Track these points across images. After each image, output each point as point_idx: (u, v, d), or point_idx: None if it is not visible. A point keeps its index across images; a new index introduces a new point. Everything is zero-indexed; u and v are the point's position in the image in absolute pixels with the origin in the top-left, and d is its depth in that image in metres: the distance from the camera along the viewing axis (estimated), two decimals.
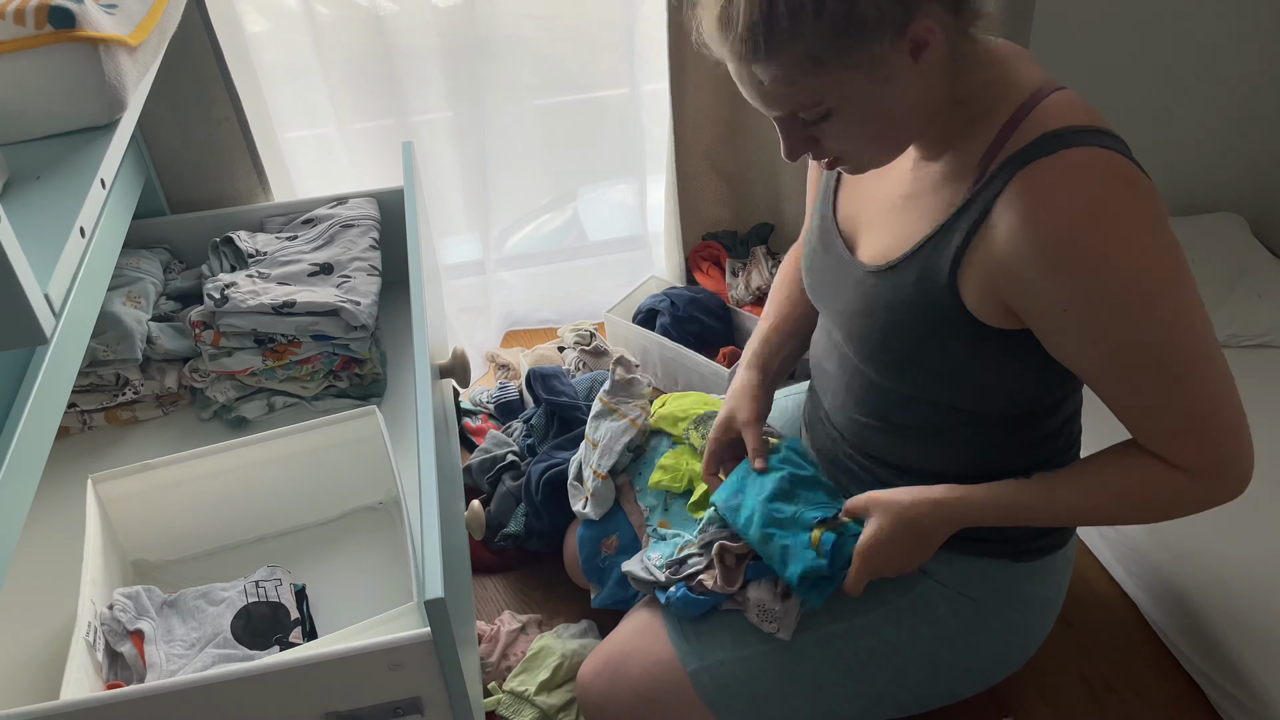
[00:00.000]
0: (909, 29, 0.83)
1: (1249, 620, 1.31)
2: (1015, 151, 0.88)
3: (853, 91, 0.86)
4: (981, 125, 0.92)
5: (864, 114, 0.88)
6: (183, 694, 0.84)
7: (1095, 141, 0.86)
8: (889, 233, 1.01)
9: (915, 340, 0.98)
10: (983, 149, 0.91)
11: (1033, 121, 0.89)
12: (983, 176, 0.90)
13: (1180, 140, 1.99)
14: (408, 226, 1.33)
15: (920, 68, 0.86)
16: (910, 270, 0.96)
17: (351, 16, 1.66)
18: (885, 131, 0.91)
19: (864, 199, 1.07)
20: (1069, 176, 0.85)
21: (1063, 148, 0.85)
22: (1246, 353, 1.77)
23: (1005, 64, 0.93)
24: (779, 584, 1.11)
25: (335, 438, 1.23)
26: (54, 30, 0.89)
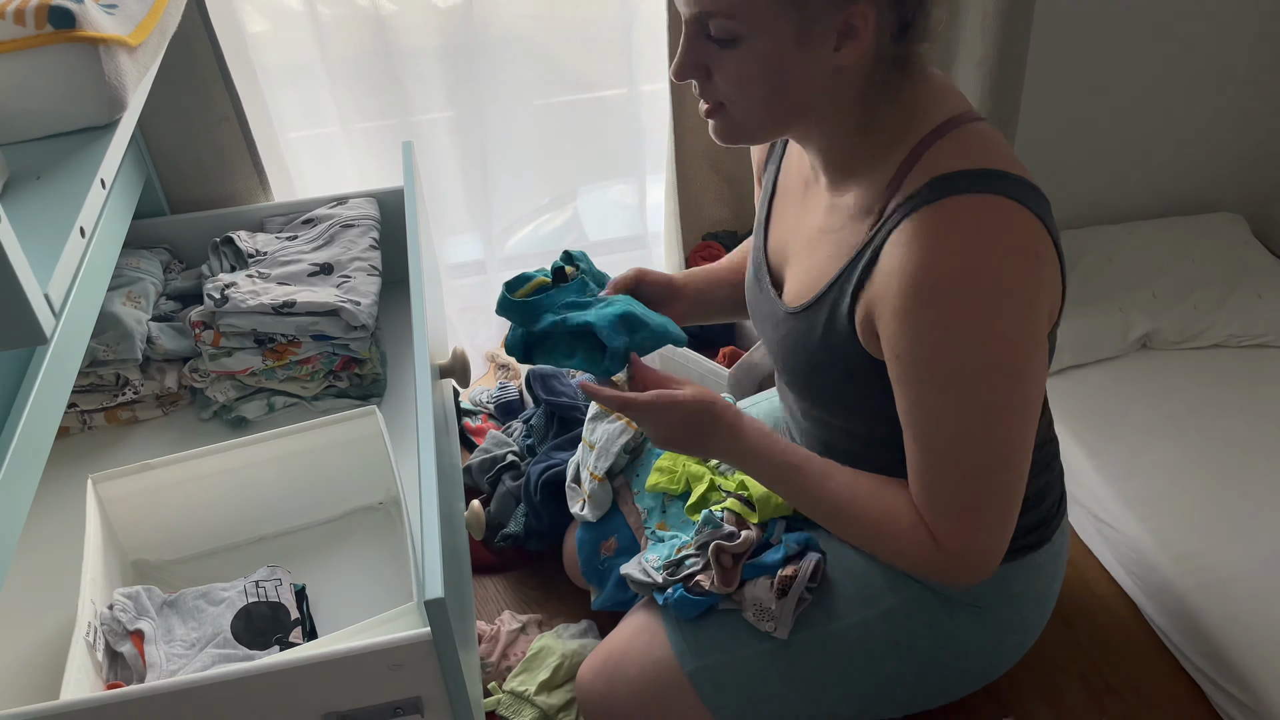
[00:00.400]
0: (846, 8, 0.82)
1: (1249, 620, 1.31)
2: (909, 194, 0.87)
3: (770, 30, 0.84)
4: (883, 160, 0.91)
5: (767, 61, 0.86)
6: (183, 694, 0.84)
7: (983, 187, 0.84)
8: (807, 271, 1.01)
9: (836, 379, 0.99)
10: (882, 186, 0.91)
11: (927, 162, 0.88)
12: (880, 220, 0.90)
13: (1180, 140, 1.99)
14: (408, 226, 1.33)
15: (836, 59, 0.85)
16: (820, 311, 0.97)
17: (352, 16, 1.66)
18: (775, 97, 0.89)
19: (790, 232, 1.07)
20: (945, 228, 0.84)
21: (945, 195, 0.84)
22: (1246, 353, 1.77)
23: (918, 99, 0.91)
24: (775, 584, 1.11)
25: (335, 438, 1.23)
26: (54, 30, 0.89)
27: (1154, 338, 1.78)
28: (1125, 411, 1.66)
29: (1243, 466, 1.53)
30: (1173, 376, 1.72)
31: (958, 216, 0.84)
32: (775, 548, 1.13)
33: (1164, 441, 1.59)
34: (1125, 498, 1.50)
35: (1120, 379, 1.73)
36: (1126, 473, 1.55)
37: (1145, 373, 1.73)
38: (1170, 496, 1.49)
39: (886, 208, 0.89)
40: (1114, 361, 1.77)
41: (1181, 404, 1.66)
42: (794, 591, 1.10)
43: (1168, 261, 1.91)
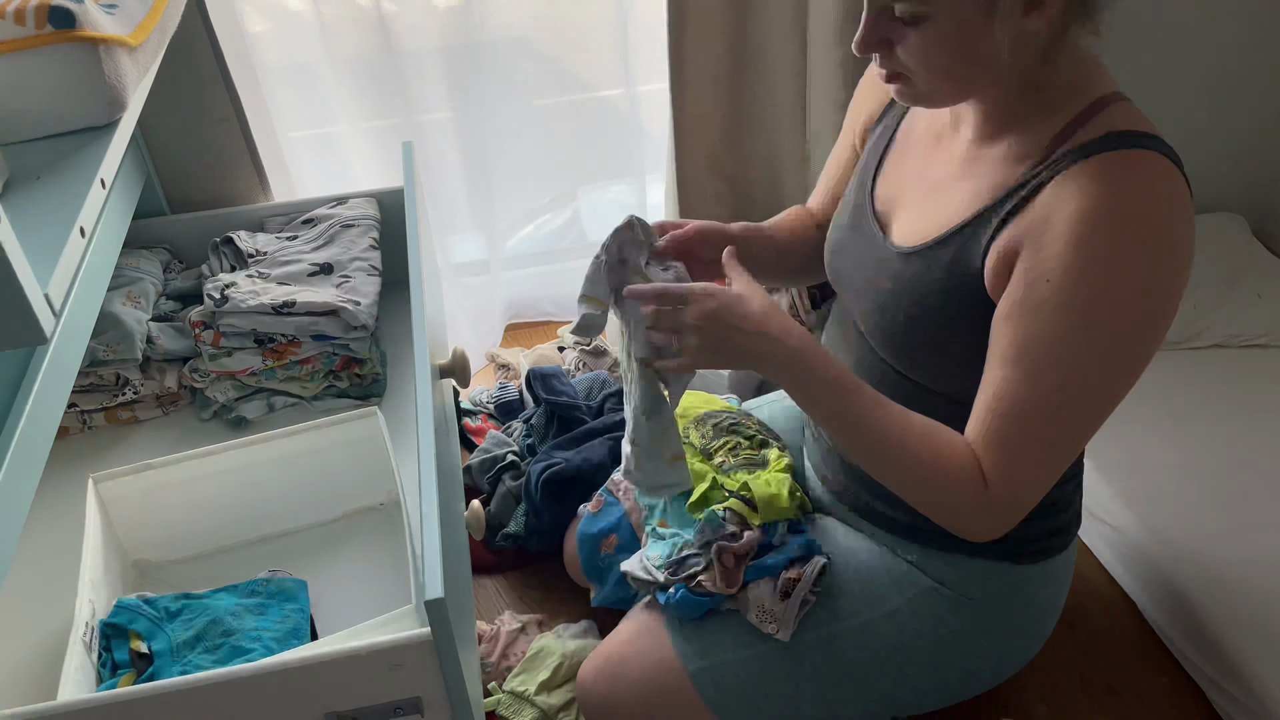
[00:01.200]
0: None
1: (1249, 620, 1.31)
2: (1084, 142, 0.87)
3: (956, 8, 0.84)
4: (1050, 115, 0.91)
5: (955, 36, 0.86)
6: (183, 694, 0.84)
7: (1160, 149, 0.86)
8: (927, 215, 0.99)
9: (940, 327, 0.97)
10: (1050, 135, 0.91)
11: (1102, 120, 0.89)
12: (1043, 160, 0.90)
13: (1180, 140, 1.97)
14: (408, 226, 1.32)
15: (1024, 25, 0.84)
16: (944, 252, 0.95)
17: (352, 16, 1.66)
18: (961, 66, 0.88)
19: (908, 179, 1.05)
20: (1135, 171, 0.85)
21: (1133, 146, 0.86)
22: (1246, 353, 1.77)
23: (1085, 66, 0.93)
24: (778, 584, 1.11)
25: (336, 438, 1.22)
26: (54, 30, 0.89)
27: None
28: (1125, 411, 1.64)
29: (1243, 466, 1.53)
30: (1173, 376, 1.72)
31: (1146, 166, 0.85)
32: (778, 549, 1.13)
33: (1164, 441, 1.59)
34: (1125, 498, 1.50)
35: None
36: (1126, 473, 1.55)
37: (1145, 372, 1.73)
38: (1170, 496, 1.49)
39: (1052, 153, 0.89)
40: None
41: (1181, 404, 1.66)
42: (798, 594, 1.10)
43: None
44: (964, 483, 0.91)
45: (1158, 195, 0.85)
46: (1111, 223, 0.84)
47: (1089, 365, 0.86)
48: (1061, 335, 0.86)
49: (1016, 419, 0.89)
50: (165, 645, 1.05)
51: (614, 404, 1.69)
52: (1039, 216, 0.87)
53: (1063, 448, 0.90)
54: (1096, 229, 0.84)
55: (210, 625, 1.07)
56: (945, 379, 1.01)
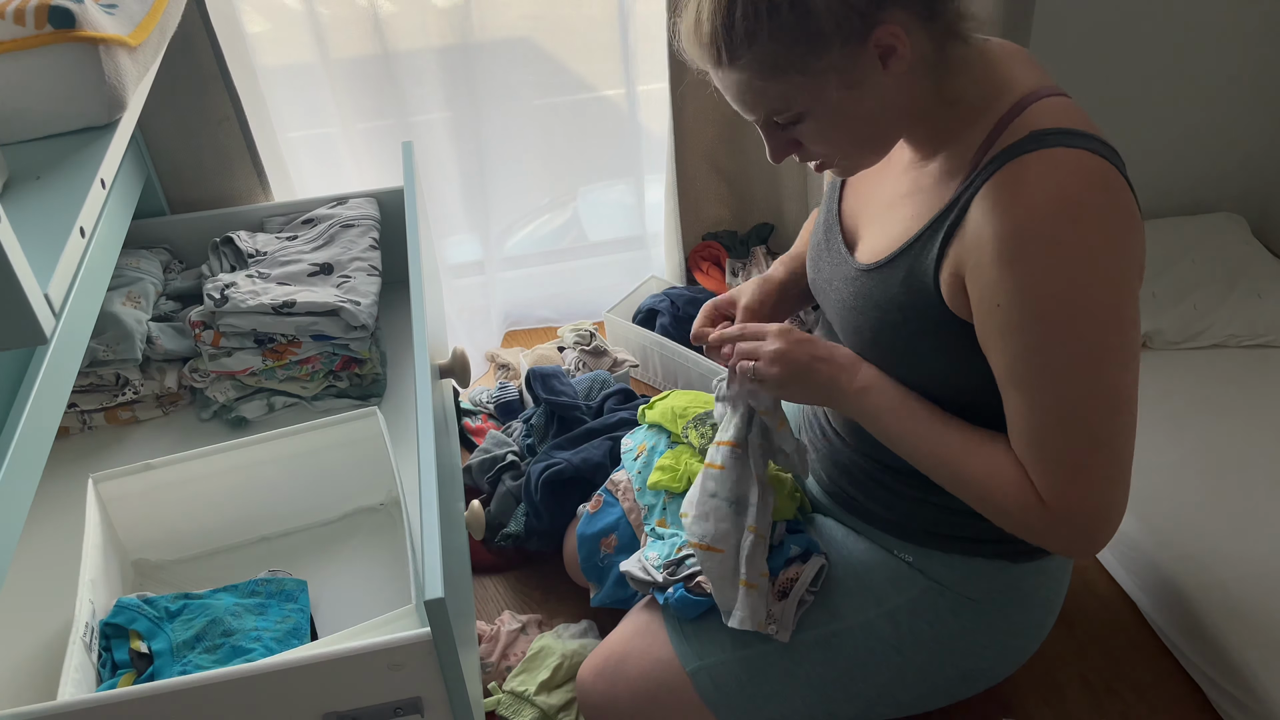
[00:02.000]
0: (871, 36, 0.83)
1: (1249, 620, 1.31)
2: (1001, 149, 0.87)
3: (821, 97, 0.87)
4: (973, 126, 0.92)
5: (836, 118, 0.89)
6: (182, 694, 0.84)
7: (1082, 145, 0.85)
8: (884, 232, 1.01)
9: (905, 339, 0.98)
10: (974, 148, 0.91)
11: (1021, 122, 0.88)
12: (971, 173, 0.90)
13: (1180, 140, 1.99)
14: (408, 226, 1.33)
15: (892, 72, 0.86)
16: (899, 268, 0.96)
17: (351, 16, 1.66)
18: (862, 134, 0.92)
19: (866, 197, 1.07)
20: (1045, 173, 0.84)
21: (1046, 146, 0.85)
22: (1246, 353, 1.77)
23: (999, 65, 0.93)
24: (776, 584, 1.11)
25: (336, 438, 1.22)
26: (54, 30, 0.89)
27: (1154, 338, 1.78)
28: None
29: (1243, 466, 1.53)
30: (1173, 376, 1.72)
31: (1054, 164, 0.84)
32: (777, 550, 1.13)
33: (1164, 441, 1.59)
34: None
35: None
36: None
37: (1145, 373, 1.71)
38: (1170, 496, 1.49)
39: (978, 165, 0.90)
40: None
41: (1181, 404, 1.66)
42: (795, 594, 1.10)
43: (1168, 261, 1.91)
44: (1022, 505, 0.92)
45: (1077, 186, 0.84)
46: (1033, 232, 0.84)
47: (1075, 370, 0.86)
48: (1034, 353, 0.87)
49: (1038, 440, 0.90)
50: (165, 645, 1.05)
51: (614, 404, 1.69)
52: (971, 235, 0.88)
53: (1098, 451, 0.89)
54: (1017, 243, 0.84)
55: (210, 625, 1.07)
56: (918, 386, 1.02)
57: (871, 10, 0.82)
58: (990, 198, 0.86)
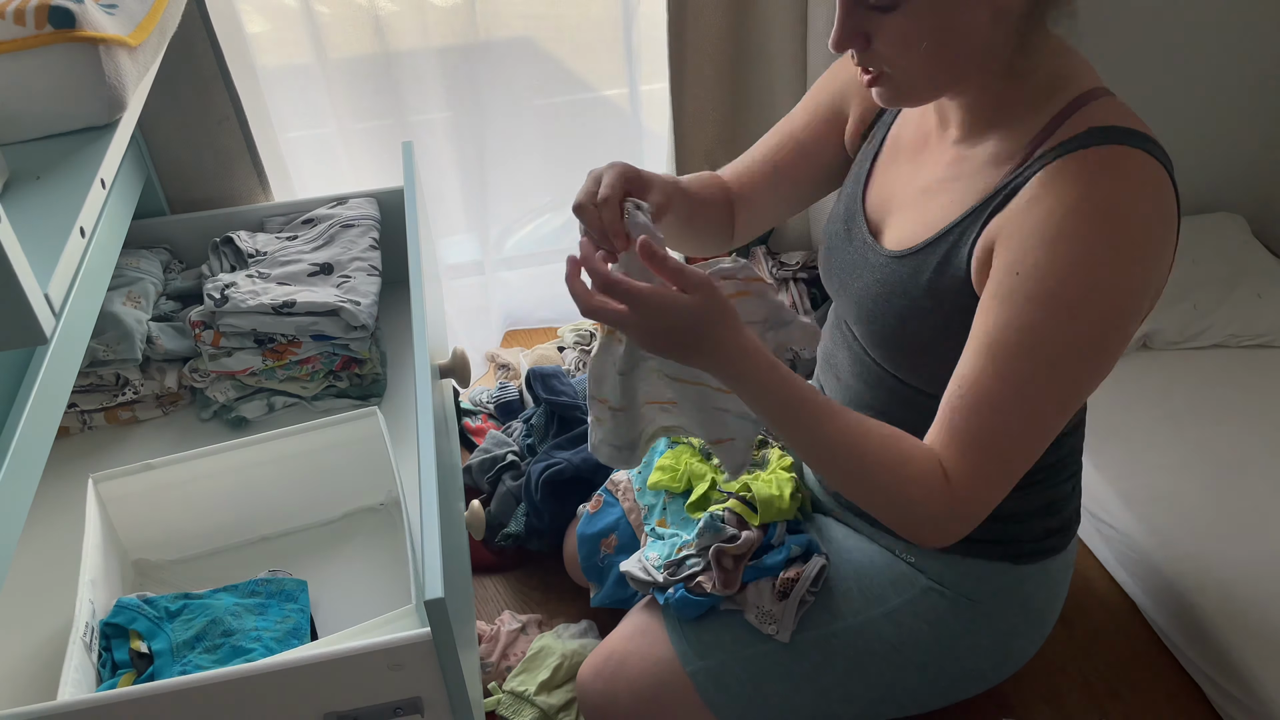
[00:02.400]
0: None
1: (1249, 620, 1.31)
2: (1060, 141, 0.87)
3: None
4: (1032, 111, 0.91)
5: (930, 22, 0.85)
6: (182, 694, 0.84)
7: (1143, 146, 0.85)
8: (917, 218, 0.99)
9: (930, 329, 0.97)
10: (1030, 135, 0.90)
11: (1083, 116, 0.88)
12: (1024, 162, 0.89)
13: (1180, 140, 1.97)
14: (408, 226, 1.32)
15: (995, 8, 0.84)
16: (933, 254, 0.95)
17: (351, 16, 1.66)
18: (939, 55, 0.87)
19: (896, 186, 1.05)
20: (1107, 166, 0.84)
21: (1112, 142, 0.85)
22: (1246, 353, 1.77)
23: (1065, 58, 0.92)
24: (776, 584, 1.11)
25: (336, 438, 1.22)
26: (54, 30, 0.89)
27: (1154, 338, 1.78)
28: (1125, 411, 1.66)
29: (1243, 466, 1.53)
30: (1173, 376, 1.72)
31: (1120, 162, 0.84)
32: (777, 549, 1.14)
33: (1164, 441, 1.59)
34: (1125, 498, 1.50)
35: (1120, 379, 1.73)
36: (1126, 473, 1.55)
37: (1145, 373, 1.73)
38: (1170, 496, 1.49)
39: (1033, 154, 0.89)
40: None
41: (1181, 404, 1.66)
42: (795, 594, 1.10)
43: None
44: (926, 485, 0.87)
45: (1132, 191, 0.84)
46: (1081, 218, 0.83)
47: (1054, 359, 0.85)
48: (1028, 326, 0.84)
49: (979, 411, 0.86)
50: (165, 645, 1.05)
51: None
52: (1015, 211, 0.87)
53: (1025, 442, 0.87)
54: (1066, 224, 0.83)
55: (210, 625, 1.07)
56: (937, 380, 1.00)
57: None
58: (1046, 180, 0.85)
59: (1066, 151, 0.86)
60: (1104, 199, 0.83)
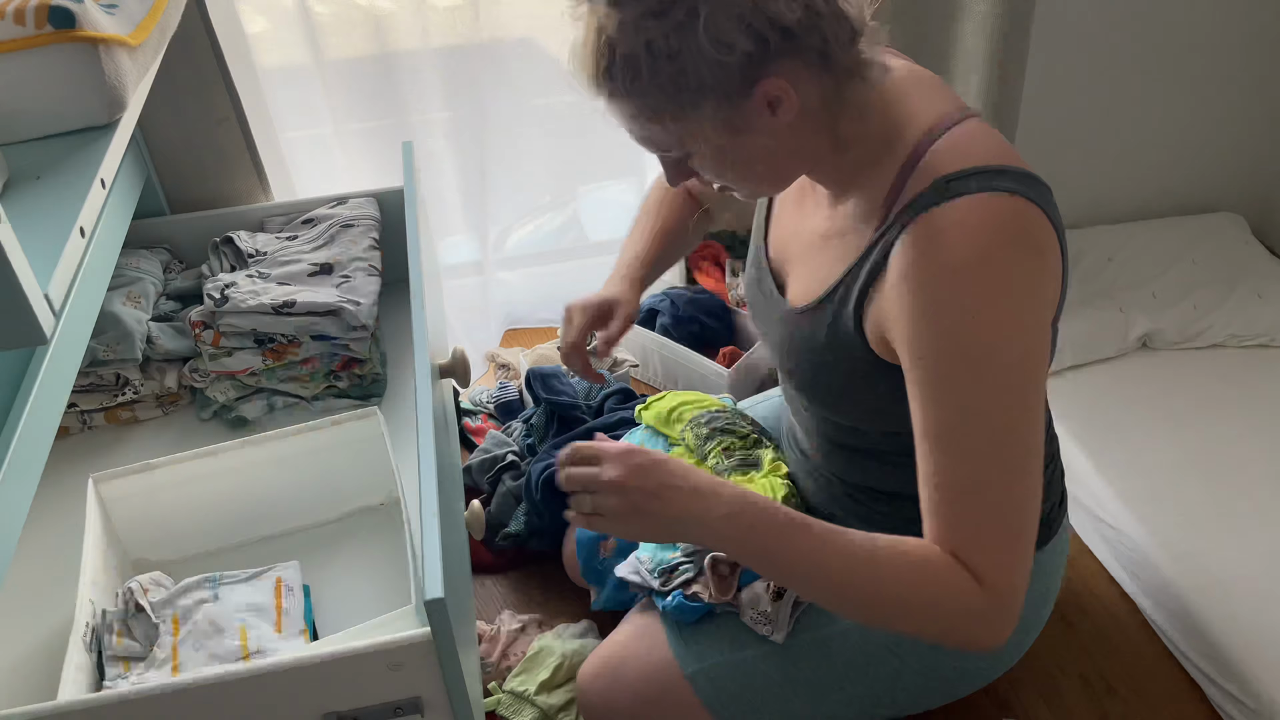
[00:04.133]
0: (757, 89, 0.82)
1: (1249, 620, 1.31)
2: (912, 198, 0.86)
3: (705, 140, 0.86)
4: (877, 168, 0.90)
5: (723, 160, 0.88)
6: (182, 694, 0.84)
7: (989, 186, 0.84)
8: (810, 273, 1.00)
9: (840, 378, 0.98)
10: (884, 193, 0.90)
11: (926, 166, 0.87)
12: (884, 222, 0.89)
13: (1180, 140, 1.99)
14: (408, 226, 1.32)
15: (781, 119, 0.84)
16: (825, 312, 0.96)
17: (351, 16, 1.66)
18: (754, 172, 0.91)
19: (790, 234, 1.06)
20: (950, 227, 0.83)
21: (952, 196, 0.84)
22: (1246, 353, 1.77)
23: (898, 102, 0.91)
24: (771, 586, 1.11)
25: (336, 438, 1.22)
26: (54, 30, 0.89)
27: (1154, 338, 1.78)
28: (1125, 411, 1.66)
29: (1243, 466, 1.53)
30: (1173, 376, 1.72)
31: (962, 217, 0.83)
32: None
33: (1164, 441, 1.59)
34: (1125, 498, 1.50)
35: (1120, 379, 1.73)
36: (1126, 473, 1.55)
37: (1145, 373, 1.73)
38: (1170, 496, 1.49)
39: (890, 213, 0.89)
40: (1114, 361, 1.77)
41: (1181, 404, 1.66)
42: (790, 595, 1.10)
43: (1168, 261, 1.91)
44: (958, 591, 0.83)
45: (984, 239, 0.83)
46: (945, 286, 0.83)
47: (995, 419, 0.84)
48: (957, 407, 0.84)
49: (963, 498, 0.85)
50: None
51: (614, 403, 1.69)
52: (889, 292, 0.87)
53: (1021, 498, 0.85)
54: (929, 300, 0.84)
55: None
56: (863, 420, 1.02)
57: (753, 68, 0.80)
58: (902, 255, 0.85)
59: (919, 211, 0.85)
60: (958, 259, 0.83)
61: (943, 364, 0.84)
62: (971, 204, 0.83)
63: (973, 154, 0.86)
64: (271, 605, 1.11)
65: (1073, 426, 1.63)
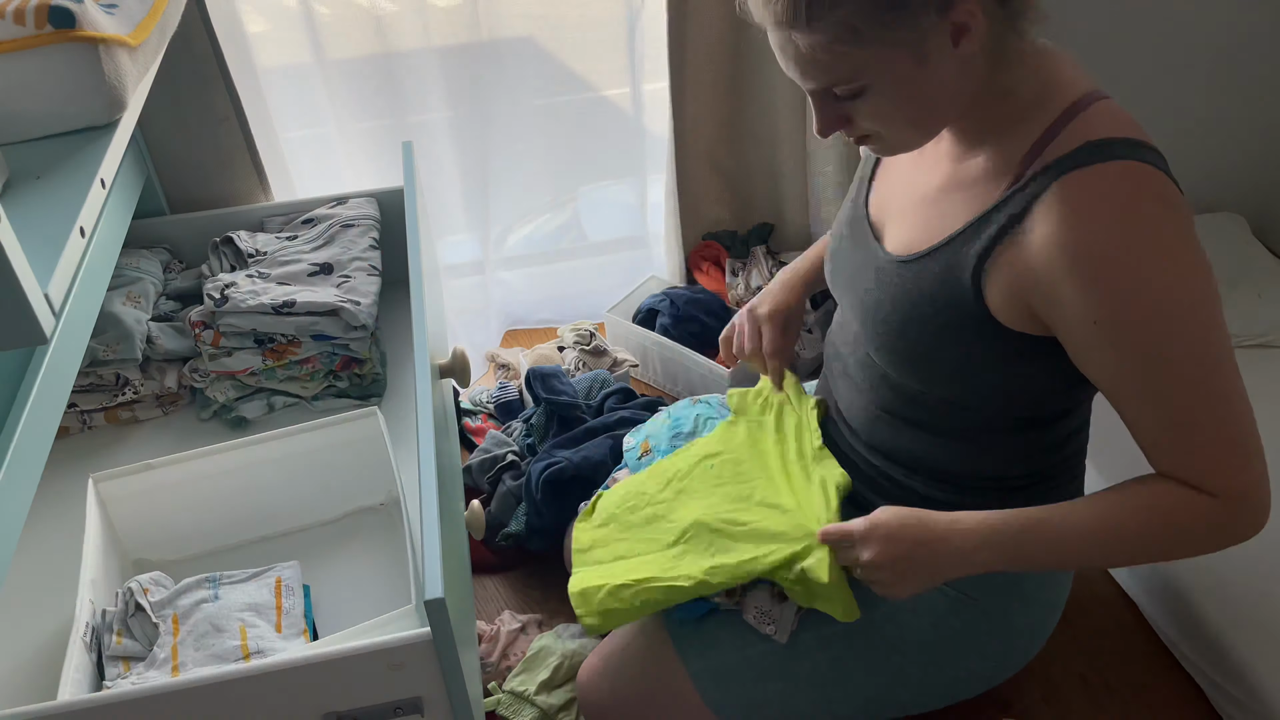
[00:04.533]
0: (951, 11, 0.83)
1: (1249, 620, 1.31)
2: (1057, 158, 0.87)
3: (890, 68, 0.86)
4: (1023, 124, 0.91)
5: (899, 94, 0.88)
6: (182, 694, 0.84)
7: (1137, 155, 0.86)
8: (919, 224, 1.00)
9: (931, 334, 0.97)
10: (1024, 149, 0.90)
11: (1076, 128, 0.88)
12: (1022, 177, 0.89)
13: (1180, 140, 1.98)
14: (408, 226, 1.33)
15: (960, 53, 0.85)
16: (936, 263, 0.96)
17: (351, 16, 1.66)
18: (919, 114, 0.90)
19: (897, 189, 1.06)
20: (1108, 189, 0.85)
21: (1104, 159, 0.85)
22: (1246, 353, 1.76)
23: (1052, 64, 0.92)
24: (775, 585, 1.11)
25: (336, 438, 1.22)
26: (54, 30, 0.89)
27: None
28: None
29: None
30: None
31: (1118, 178, 0.85)
32: None
33: None
34: None
35: None
36: (1127, 473, 1.54)
37: None
38: None
39: (1027, 171, 0.89)
40: None
41: None
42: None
43: None
44: (1198, 513, 0.90)
45: (1140, 203, 0.85)
46: (1105, 251, 0.84)
47: (1195, 357, 0.87)
48: (1154, 361, 0.87)
49: (1187, 433, 0.89)
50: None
51: (614, 403, 1.69)
52: (1038, 253, 0.87)
53: (1242, 427, 0.90)
54: (1098, 263, 0.85)
55: None
56: (936, 383, 1.01)
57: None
58: (1056, 214, 0.86)
59: (1064, 170, 0.86)
60: (1119, 221, 0.84)
61: (1119, 323, 0.86)
62: (1127, 167, 0.85)
63: (1122, 126, 0.88)
64: (271, 605, 1.11)
65: None
